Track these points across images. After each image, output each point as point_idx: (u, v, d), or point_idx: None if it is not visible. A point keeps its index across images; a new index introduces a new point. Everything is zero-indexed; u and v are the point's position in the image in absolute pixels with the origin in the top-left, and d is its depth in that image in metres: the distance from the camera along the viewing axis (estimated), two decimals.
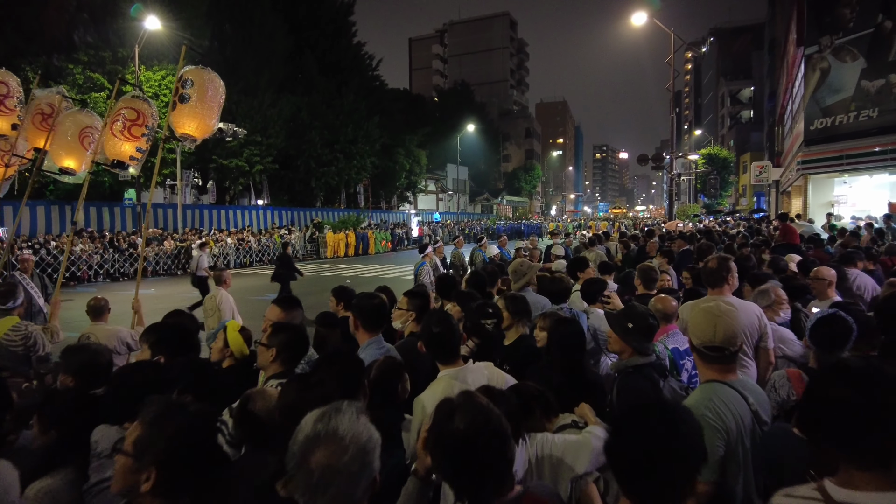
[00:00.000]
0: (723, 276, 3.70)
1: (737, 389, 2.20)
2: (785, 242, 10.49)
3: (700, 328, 2.27)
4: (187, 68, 5.90)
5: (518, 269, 4.80)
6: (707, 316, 2.25)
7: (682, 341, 3.37)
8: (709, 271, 3.73)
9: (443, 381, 2.65)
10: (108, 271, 21.04)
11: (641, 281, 5.40)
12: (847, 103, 19.68)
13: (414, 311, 3.62)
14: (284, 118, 33.05)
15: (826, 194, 22.29)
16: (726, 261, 3.79)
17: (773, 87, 43.33)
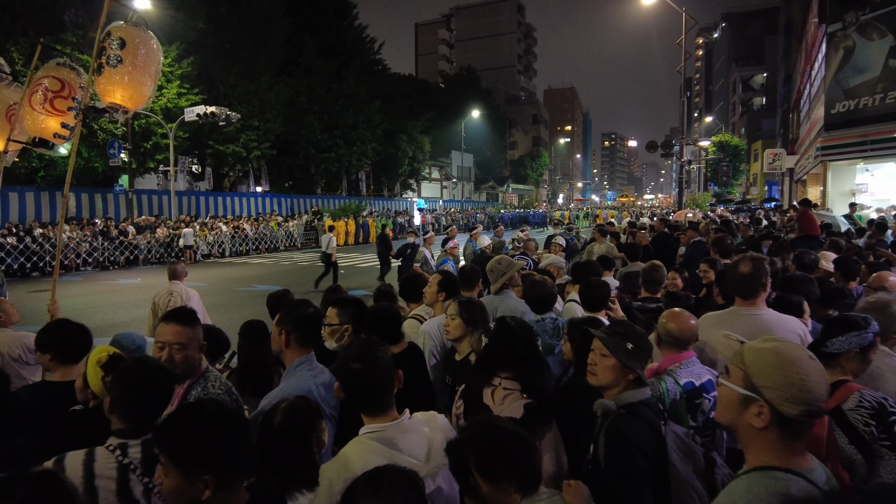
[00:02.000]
0: (762, 284, 2.87)
1: (817, 486, 1.34)
2: (804, 234, 9.53)
3: (777, 380, 1.37)
4: (114, 24, 4.99)
5: (495, 268, 3.95)
6: (786, 363, 1.37)
7: (698, 374, 2.54)
8: (741, 278, 2.89)
9: (360, 444, 1.85)
10: (98, 260, 20.37)
11: (643, 281, 4.55)
12: (872, 84, 18.46)
13: (350, 324, 2.80)
14: (282, 102, 32.13)
15: (846, 182, 21.15)
16: (762, 262, 2.95)
17: (789, 72, 41.91)
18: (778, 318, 2.91)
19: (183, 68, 26.43)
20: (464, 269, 4.20)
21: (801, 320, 3.11)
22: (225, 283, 16.18)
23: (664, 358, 2.62)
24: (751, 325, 2.81)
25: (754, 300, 2.91)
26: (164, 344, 2.35)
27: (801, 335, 2.87)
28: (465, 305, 2.93)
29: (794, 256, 5.45)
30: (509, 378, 2.37)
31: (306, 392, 2.32)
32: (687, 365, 2.57)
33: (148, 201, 27.03)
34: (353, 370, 1.90)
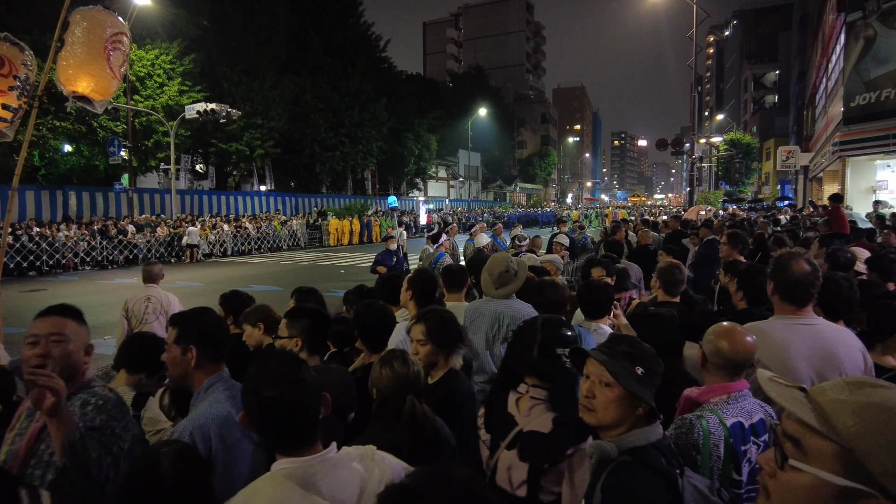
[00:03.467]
0: (817, 287, 2.35)
1: None
2: (833, 232, 8.91)
3: None
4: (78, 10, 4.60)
5: (498, 271, 3.39)
6: None
7: (749, 411, 1.95)
8: (798, 280, 2.32)
9: (270, 483, 1.38)
10: (96, 259, 20.07)
11: (661, 283, 3.99)
12: (895, 75, 17.70)
13: (301, 338, 2.31)
14: (287, 100, 31.76)
15: (866, 179, 20.33)
16: (814, 261, 2.43)
17: (803, 67, 41.02)
18: (836, 331, 2.38)
19: (185, 65, 26.13)
20: (450, 269, 3.70)
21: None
22: (222, 284, 15.76)
23: (709, 387, 2.02)
24: (808, 339, 2.29)
25: (807, 308, 2.37)
26: (36, 338, 1.87)
27: (864, 353, 2.34)
28: (434, 327, 2.42)
29: (827, 255, 4.85)
30: (538, 386, 2.04)
31: (224, 418, 1.84)
32: (737, 399, 1.96)
33: (150, 200, 26.73)
34: (267, 399, 1.41)
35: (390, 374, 2.05)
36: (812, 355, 2.24)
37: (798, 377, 2.22)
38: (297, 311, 2.41)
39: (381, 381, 2.06)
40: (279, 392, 1.41)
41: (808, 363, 2.24)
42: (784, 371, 2.24)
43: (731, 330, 2.03)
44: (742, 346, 1.99)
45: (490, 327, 3.27)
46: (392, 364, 2.08)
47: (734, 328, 2.04)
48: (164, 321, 4.94)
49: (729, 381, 2.00)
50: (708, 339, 2.05)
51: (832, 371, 2.24)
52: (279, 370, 1.46)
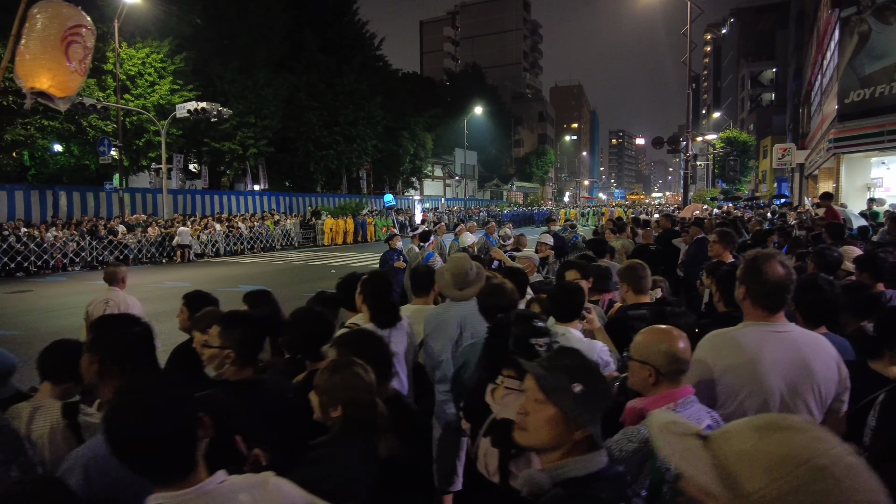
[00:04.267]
0: (791, 291, 2.18)
1: None
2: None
3: None
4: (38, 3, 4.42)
5: (460, 271, 3.23)
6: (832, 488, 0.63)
7: (698, 418, 1.82)
8: (771, 285, 2.13)
9: None
10: (86, 259, 19.86)
11: (629, 284, 3.80)
12: (890, 71, 17.42)
13: (233, 350, 2.13)
14: (280, 98, 31.54)
15: (861, 176, 20.14)
16: (789, 264, 2.26)
17: (800, 65, 40.89)
18: (810, 339, 2.20)
19: (176, 64, 25.90)
20: (416, 272, 3.53)
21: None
22: (209, 284, 15.58)
23: (654, 397, 1.88)
24: (780, 348, 2.12)
25: (780, 313, 2.20)
26: None
27: (838, 362, 2.17)
28: (347, 342, 2.24)
29: (815, 253, 4.67)
30: (513, 377, 2.15)
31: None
32: (685, 406, 1.84)
33: (142, 200, 26.47)
34: (130, 429, 1.23)
35: (358, 384, 1.90)
36: (784, 365, 2.08)
37: (768, 388, 2.07)
38: (231, 318, 2.23)
39: (349, 391, 1.89)
40: (144, 427, 1.24)
41: (779, 373, 2.08)
42: (753, 382, 2.09)
43: (668, 332, 1.90)
44: (677, 346, 1.87)
45: (453, 332, 3.11)
46: (355, 371, 1.93)
47: (670, 331, 1.91)
48: None
49: (675, 388, 1.86)
50: (653, 346, 1.92)
51: (805, 381, 2.08)
52: (147, 396, 1.29)
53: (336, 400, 1.86)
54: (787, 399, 2.06)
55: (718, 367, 2.12)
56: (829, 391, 2.11)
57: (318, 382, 1.90)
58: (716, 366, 2.12)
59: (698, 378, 2.14)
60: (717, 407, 2.13)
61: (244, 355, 2.14)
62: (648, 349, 1.88)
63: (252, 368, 2.18)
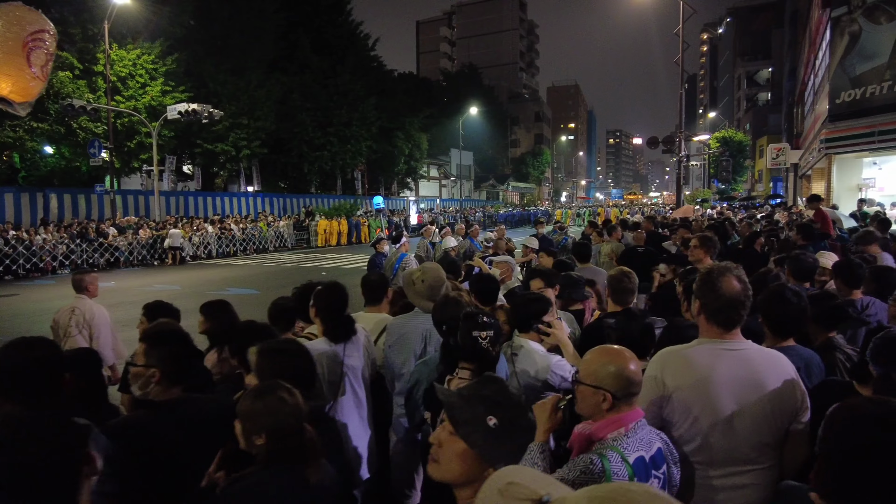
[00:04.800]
0: (747, 307, 2.10)
1: None
2: (822, 231, 8.68)
3: None
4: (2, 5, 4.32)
5: (436, 284, 3.13)
6: None
7: (649, 442, 1.74)
8: (727, 301, 2.04)
9: None
10: (76, 262, 19.72)
11: (610, 292, 3.73)
12: (881, 71, 17.38)
13: (158, 369, 2.03)
14: (274, 99, 31.42)
15: (853, 177, 20.09)
16: (745, 278, 2.18)
17: (794, 64, 40.88)
18: (766, 357, 2.11)
19: (168, 65, 25.78)
20: (368, 280, 3.45)
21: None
22: (199, 286, 15.48)
23: (604, 420, 1.78)
24: (734, 366, 2.03)
25: (736, 330, 2.10)
26: None
27: (796, 380, 2.09)
28: (266, 364, 2.15)
29: (790, 259, 4.58)
30: (466, 369, 2.35)
31: None
32: (636, 430, 1.75)
33: (134, 202, 26.34)
34: None
35: (282, 409, 1.81)
36: (737, 384, 2.00)
37: (719, 408, 1.99)
38: (156, 335, 2.13)
39: (272, 418, 1.79)
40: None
41: (732, 393, 2.00)
42: (705, 402, 2.01)
43: (617, 354, 1.80)
44: (627, 367, 1.76)
45: (416, 346, 3.02)
46: (279, 396, 1.83)
47: (620, 351, 1.82)
48: (88, 334, 4.66)
49: (627, 412, 1.77)
50: (603, 367, 1.80)
51: (758, 401, 2.00)
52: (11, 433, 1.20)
53: (259, 427, 1.76)
54: (739, 421, 1.99)
55: (669, 386, 2.03)
56: (784, 412, 2.03)
57: (240, 409, 1.80)
58: (667, 385, 2.04)
59: (649, 397, 2.06)
60: (668, 428, 2.05)
61: (170, 374, 2.04)
62: (600, 372, 1.77)
63: (181, 387, 2.09)
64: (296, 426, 1.80)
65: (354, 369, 3.05)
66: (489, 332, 2.33)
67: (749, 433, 1.99)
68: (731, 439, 1.98)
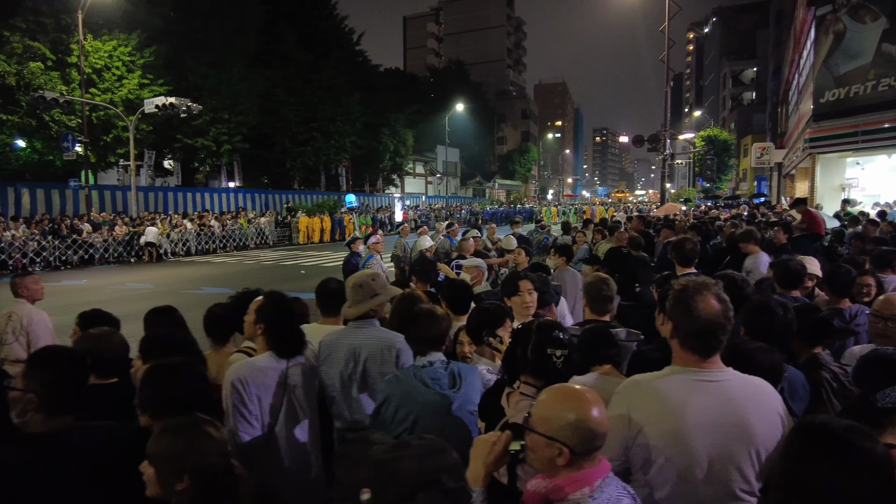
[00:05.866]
0: (727, 331, 1.81)
1: None
2: (809, 233, 8.54)
3: None
4: None
5: (364, 285, 2.85)
6: None
7: (618, 497, 1.44)
8: (703, 324, 1.78)
9: None
10: (48, 259, 19.14)
11: (587, 300, 3.46)
12: (864, 71, 17.36)
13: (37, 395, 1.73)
14: (256, 94, 30.87)
15: (836, 177, 20.10)
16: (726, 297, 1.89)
17: (778, 63, 41.10)
18: (748, 389, 1.80)
19: (146, 58, 25.13)
20: (324, 287, 3.15)
21: None
22: (173, 285, 15.06)
23: (563, 478, 1.47)
24: (711, 401, 1.74)
25: (715, 357, 1.81)
26: None
27: (783, 417, 1.80)
28: (151, 395, 1.88)
29: (776, 265, 4.30)
30: (529, 384, 2.16)
31: None
32: (603, 489, 1.44)
33: (111, 197, 25.69)
34: None
35: (208, 447, 1.55)
36: (714, 423, 1.71)
37: (693, 452, 1.70)
38: (41, 356, 1.82)
39: (197, 457, 1.52)
40: None
41: (709, 434, 1.70)
42: (676, 444, 1.71)
43: (579, 397, 1.50)
44: (590, 414, 1.46)
45: (345, 365, 2.72)
46: (203, 430, 1.57)
47: (581, 395, 1.51)
48: (25, 341, 4.31)
49: (591, 468, 1.48)
50: (556, 413, 1.48)
51: (740, 444, 1.71)
52: None
53: (181, 470, 1.50)
54: (716, 465, 1.70)
55: (635, 425, 1.75)
56: (770, 450, 1.74)
57: (152, 450, 1.53)
58: (632, 422, 1.75)
59: (614, 438, 1.78)
60: (634, 472, 1.78)
61: (49, 402, 1.73)
62: (556, 420, 1.46)
63: (66, 417, 1.78)
64: (223, 465, 1.56)
65: (299, 389, 2.76)
66: (563, 350, 2.13)
67: (729, 479, 1.71)
68: (709, 487, 1.70)
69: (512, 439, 1.55)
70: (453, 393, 2.32)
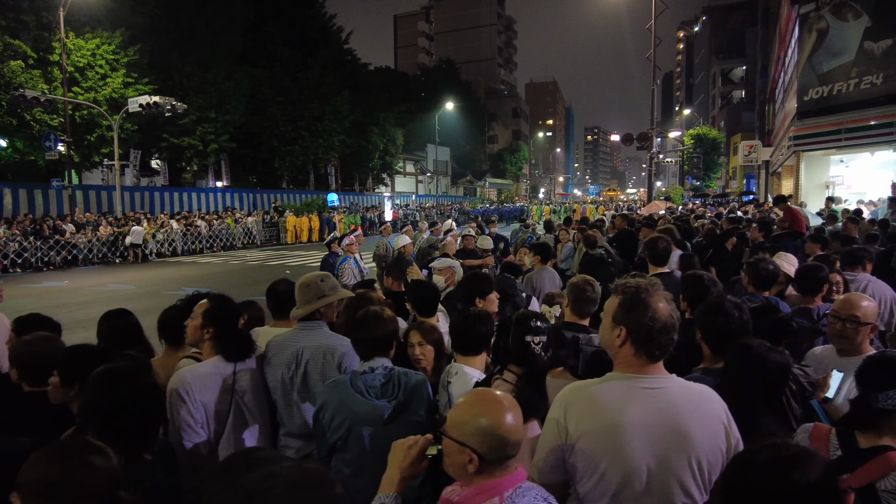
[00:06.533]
0: (673, 338, 1.74)
1: None
2: (791, 231, 8.52)
3: None
4: None
5: (311, 286, 2.78)
6: None
7: None
8: (660, 327, 1.70)
9: None
10: (30, 260, 18.88)
11: (570, 301, 3.36)
12: (847, 68, 17.44)
13: None
14: (242, 92, 30.62)
15: (820, 175, 20.19)
16: (672, 302, 1.81)
17: (766, 62, 41.30)
18: (690, 397, 1.71)
19: (130, 56, 24.84)
20: (274, 289, 3.06)
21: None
22: (155, 286, 14.89)
23: (475, 488, 1.40)
24: (650, 408, 1.66)
25: (660, 363, 1.73)
26: None
27: (726, 425, 1.71)
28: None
29: (748, 266, 4.22)
30: (513, 372, 2.30)
31: None
32: (514, 499, 1.37)
33: (96, 197, 25.39)
34: None
35: (93, 476, 1.40)
36: (652, 430, 1.63)
37: (630, 461, 1.63)
38: None
39: (72, 491, 1.36)
40: None
41: (646, 442, 1.63)
42: (614, 451, 1.63)
43: (493, 402, 1.43)
44: (503, 419, 1.40)
45: (286, 368, 2.63)
46: (85, 459, 1.42)
47: (496, 400, 1.45)
48: None
49: (501, 476, 1.41)
50: (470, 421, 1.42)
51: (678, 453, 1.63)
52: None
53: (54, 503, 1.35)
54: (655, 477, 1.62)
55: (573, 432, 1.67)
56: (712, 465, 1.66)
57: (22, 478, 1.36)
58: (570, 430, 1.67)
59: (549, 445, 1.70)
60: (573, 483, 1.70)
61: None
62: (467, 425, 1.40)
63: None
64: (109, 499, 1.40)
65: (248, 394, 2.67)
66: (542, 337, 2.27)
67: (668, 491, 1.63)
68: (648, 498, 1.63)
69: (432, 443, 1.48)
70: (387, 403, 2.21)
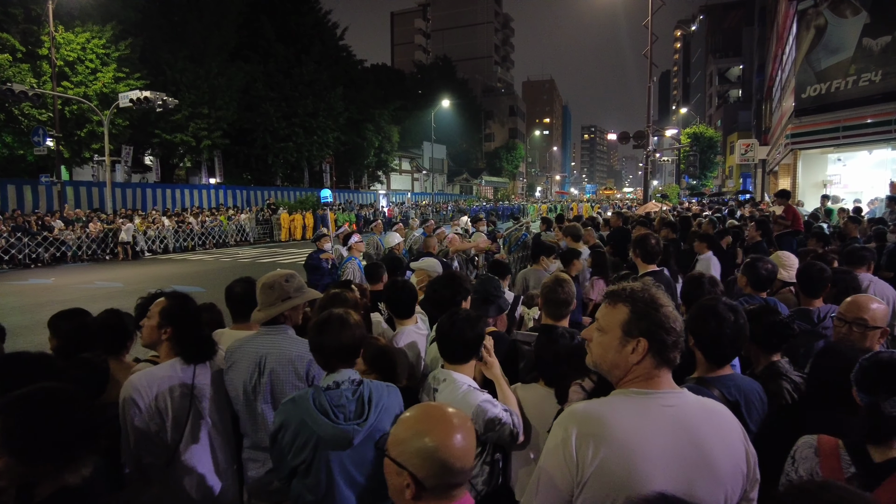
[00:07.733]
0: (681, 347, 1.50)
1: None
2: (794, 229, 8.38)
3: None
4: None
5: (276, 286, 2.58)
6: None
7: None
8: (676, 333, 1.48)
9: None
10: (17, 257, 18.59)
11: (543, 302, 3.14)
12: (845, 66, 17.28)
13: None
14: (235, 88, 30.32)
15: (818, 173, 20.05)
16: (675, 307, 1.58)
17: (762, 60, 41.19)
18: (705, 412, 1.46)
19: (121, 50, 24.53)
20: (231, 290, 2.87)
21: None
22: (143, 283, 14.62)
23: None
24: (667, 429, 1.38)
25: (669, 373, 1.48)
26: None
27: (746, 444, 1.47)
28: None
29: (746, 267, 4.02)
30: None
31: None
32: None
33: (86, 194, 25.08)
34: None
35: None
36: (674, 456, 1.35)
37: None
38: None
39: None
40: None
41: (670, 471, 1.34)
42: (630, 485, 1.32)
43: (441, 419, 1.21)
44: (458, 446, 1.19)
45: (248, 375, 2.42)
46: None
47: (444, 417, 1.22)
48: None
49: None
50: (417, 444, 1.20)
51: (704, 480, 1.36)
52: None
53: None
54: None
55: (587, 466, 1.35)
56: (734, 489, 1.40)
57: None
58: (580, 462, 1.36)
59: (556, 485, 1.39)
60: None
61: None
62: (408, 444, 1.19)
63: None
64: None
65: (208, 400, 2.46)
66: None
67: None
68: None
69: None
70: (356, 426, 1.97)
